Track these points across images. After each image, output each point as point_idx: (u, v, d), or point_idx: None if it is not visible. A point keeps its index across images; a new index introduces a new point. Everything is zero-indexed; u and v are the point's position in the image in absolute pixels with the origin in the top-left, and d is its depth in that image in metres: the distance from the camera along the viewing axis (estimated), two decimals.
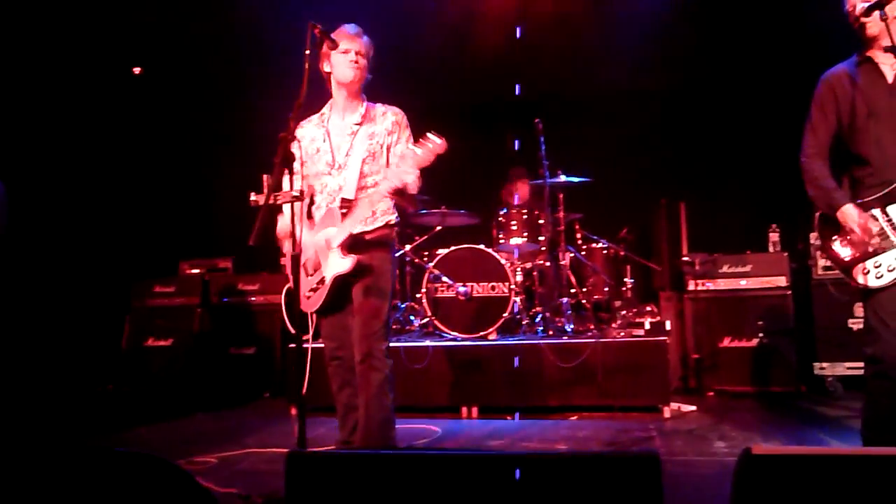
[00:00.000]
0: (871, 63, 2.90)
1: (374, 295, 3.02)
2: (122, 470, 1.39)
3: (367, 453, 1.83)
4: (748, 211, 5.92)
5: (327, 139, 3.12)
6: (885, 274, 2.77)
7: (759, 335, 5.21)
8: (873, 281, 2.79)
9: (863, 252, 2.82)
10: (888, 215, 2.80)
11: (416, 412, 4.57)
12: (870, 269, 2.81)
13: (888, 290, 2.77)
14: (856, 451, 1.63)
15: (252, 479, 3.22)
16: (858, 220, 2.80)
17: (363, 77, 3.09)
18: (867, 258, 2.81)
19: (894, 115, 2.82)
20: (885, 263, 2.78)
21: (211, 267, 6.55)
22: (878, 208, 2.83)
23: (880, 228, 2.80)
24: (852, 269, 2.85)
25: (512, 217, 5.52)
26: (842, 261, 2.88)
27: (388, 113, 3.15)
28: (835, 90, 2.96)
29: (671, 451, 3.55)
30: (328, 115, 3.17)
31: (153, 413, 5.21)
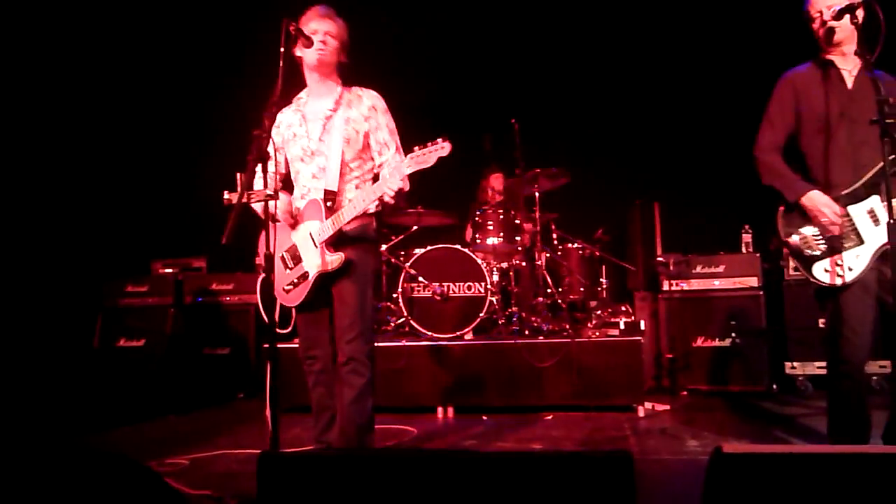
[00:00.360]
0: (832, 67, 2.96)
1: (357, 295, 2.91)
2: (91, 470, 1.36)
3: (339, 454, 1.81)
4: (721, 212, 5.98)
5: (304, 123, 3.02)
6: (845, 272, 2.82)
7: (731, 335, 5.27)
8: (834, 279, 2.85)
9: (825, 250, 2.86)
10: (849, 215, 2.86)
11: (393, 412, 4.56)
12: (830, 268, 2.86)
13: (850, 289, 2.83)
14: (824, 449, 1.65)
15: (225, 480, 3.18)
16: (827, 202, 2.83)
17: (334, 59, 2.98)
18: (827, 256, 2.86)
19: (852, 120, 2.88)
20: (846, 263, 2.83)
21: (184, 266, 6.47)
22: (839, 207, 2.88)
23: (843, 212, 2.84)
24: (812, 267, 2.90)
25: (488, 217, 5.53)
26: (803, 257, 2.92)
27: (364, 97, 3.03)
28: (796, 90, 3.02)
29: (645, 449, 3.58)
30: (305, 99, 3.07)
31: (125, 414, 5.13)
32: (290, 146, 3.05)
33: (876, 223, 2.82)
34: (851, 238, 2.84)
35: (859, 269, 2.81)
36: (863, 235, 2.83)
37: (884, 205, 2.78)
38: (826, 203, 2.83)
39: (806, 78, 3.02)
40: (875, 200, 2.82)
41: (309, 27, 2.87)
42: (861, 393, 2.90)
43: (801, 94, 3.01)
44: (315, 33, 2.88)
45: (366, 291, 2.95)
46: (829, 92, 2.94)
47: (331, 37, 2.93)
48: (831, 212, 2.82)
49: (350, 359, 2.86)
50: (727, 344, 5.28)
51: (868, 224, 2.83)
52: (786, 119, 3.04)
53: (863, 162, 2.85)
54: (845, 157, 2.88)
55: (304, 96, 3.09)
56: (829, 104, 2.92)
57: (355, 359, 2.86)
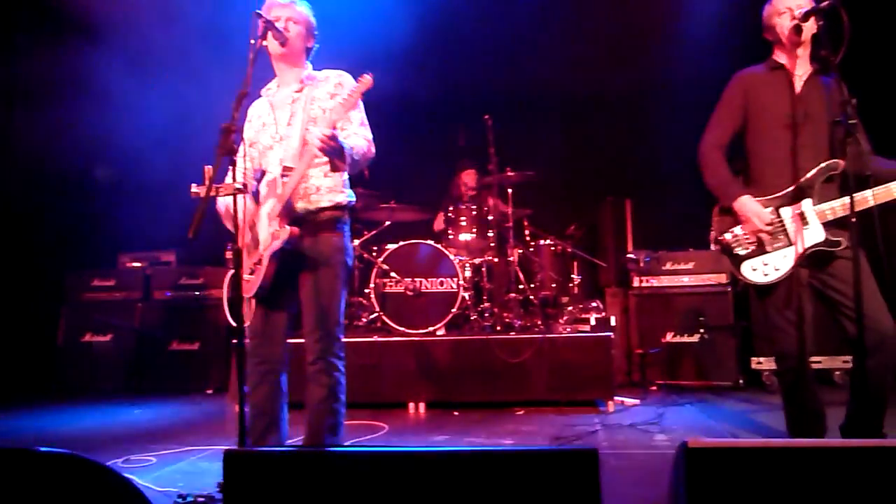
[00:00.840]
0: (783, 70, 3.03)
1: (327, 290, 2.78)
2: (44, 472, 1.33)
3: (306, 451, 1.80)
4: (691, 209, 6.04)
5: (271, 112, 2.93)
6: (771, 272, 2.93)
7: (700, 331, 5.35)
8: (760, 278, 2.95)
9: (753, 250, 2.96)
10: (780, 217, 2.95)
11: (364, 408, 4.54)
12: (758, 267, 2.95)
13: (781, 286, 2.93)
14: (787, 443, 1.68)
15: (191, 478, 3.14)
16: (756, 210, 2.93)
17: (300, 45, 2.89)
18: (756, 256, 2.96)
19: (797, 123, 2.95)
20: (773, 263, 2.94)
21: (153, 260, 6.38)
22: (771, 209, 2.97)
23: (772, 218, 2.94)
24: (741, 266, 2.98)
25: (461, 213, 5.53)
26: (734, 255, 3.02)
27: (330, 77, 2.92)
28: (746, 90, 3.09)
29: (614, 444, 3.62)
30: (273, 89, 2.99)
31: (91, 411, 5.05)
32: (261, 136, 2.95)
33: (805, 225, 2.91)
34: (780, 239, 2.94)
35: (785, 268, 2.91)
36: (791, 237, 2.92)
37: (819, 207, 2.86)
38: (755, 212, 2.94)
39: (756, 79, 3.09)
40: (807, 203, 2.92)
41: (270, 15, 2.79)
42: (807, 385, 2.98)
43: (750, 94, 3.08)
44: (277, 20, 2.80)
45: (336, 287, 2.82)
46: (777, 94, 3.01)
47: (293, 22, 2.85)
48: (759, 220, 2.93)
49: (318, 357, 2.76)
50: (696, 340, 5.36)
51: (797, 226, 2.92)
52: (733, 118, 3.11)
53: (800, 165, 2.94)
54: (785, 159, 2.97)
55: (272, 86, 3.01)
56: (775, 107, 3.00)
57: (324, 358, 2.76)
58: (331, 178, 2.85)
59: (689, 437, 1.61)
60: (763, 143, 3.04)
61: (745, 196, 2.98)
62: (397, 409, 4.74)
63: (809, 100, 2.97)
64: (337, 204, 2.86)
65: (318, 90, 2.89)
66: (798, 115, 2.96)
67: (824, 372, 4.98)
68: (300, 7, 2.90)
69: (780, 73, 3.05)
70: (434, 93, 6.80)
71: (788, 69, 3.03)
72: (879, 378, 2.77)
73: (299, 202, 2.80)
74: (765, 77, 3.08)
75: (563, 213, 6.49)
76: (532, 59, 6.49)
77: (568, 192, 6.68)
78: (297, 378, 2.85)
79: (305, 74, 2.94)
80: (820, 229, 2.88)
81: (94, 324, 6.03)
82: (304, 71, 2.95)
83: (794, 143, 2.95)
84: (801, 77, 3.02)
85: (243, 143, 2.98)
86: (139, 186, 6.79)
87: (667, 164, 6.33)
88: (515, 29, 6.53)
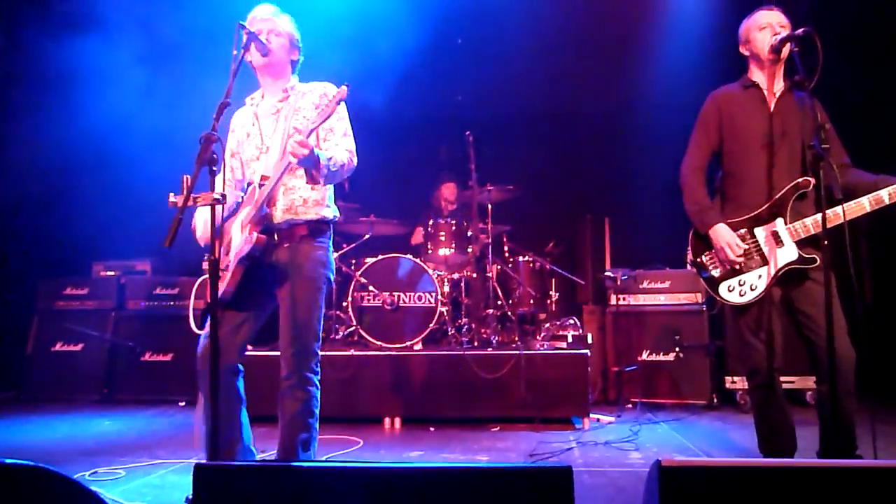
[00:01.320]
0: (757, 89, 3.09)
1: (304, 304, 2.74)
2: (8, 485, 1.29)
3: (278, 466, 1.77)
4: (669, 229, 6.12)
5: (256, 122, 2.92)
6: (747, 292, 2.98)
7: (675, 349, 5.40)
8: (736, 298, 3.00)
9: (728, 270, 3.01)
10: (754, 237, 3.00)
11: (339, 422, 4.51)
12: (734, 287, 3.00)
13: (755, 306, 2.98)
14: (760, 463, 1.70)
15: (160, 492, 3.09)
16: (728, 240, 2.98)
17: (282, 58, 2.87)
18: (732, 276, 3.00)
19: (770, 142, 3.01)
20: (749, 282, 2.99)
21: (127, 269, 6.29)
22: (745, 229, 3.02)
23: (746, 249, 2.99)
24: (718, 286, 3.03)
25: (441, 228, 5.54)
26: (710, 277, 3.06)
27: (315, 88, 2.90)
28: (720, 109, 3.15)
29: (588, 462, 3.62)
30: (258, 99, 2.98)
31: (60, 421, 4.94)
32: (245, 147, 2.94)
33: (779, 245, 2.96)
34: (755, 258, 2.98)
35: (761, 287, 2.96)
36: (766, 256, 2.97)
37: (791, 226, 2.92)
38: (728, 241, 2.98)
39: (731, 98, 3.15)
40: (779, 223, 2.97)
41: (253, 27, 2.79)
42: (778, 402, 3.02)
43: (724, 113, 3.14)
44: (259, 33, 2.79)
45: (315, 301, 2.79)
46: (751, 113, 3.07)
47: (275, 34, 2.84)
48: (731, 251, 2.97)
49: (293, 372, 2.71)
50: (671, 358, 5.40)
51: (771, 245, 2.97)
52: (710, 138, 3.16)
53: (775, 183, 3.00)
54: (760, 178, 3.02)
55: (257, 96, 3.00)
56: (749, 125, 3.06)
57: (298, 372, 2.71)
58: (317, 190, 2.83)
59: (663, 456, 1.61)
60: (738, 162, 3.09)
61: (720, 225, 3.02)
62: (373, 423, 4.71)
63: (783, 118, 3.02)
64: (322, 218, 2.84)
65: (303, 101, 2.87)
66: (772, 134, 3.01)
67: (796, 392, 5.05)
68: (282, 20, 2.89)
69: (754, 91, 3.10)
70: (416, 108, 6.82)
71: (763, 87, 3.09)
72: (838, 401, 2.80)
73: (284, 214, 2.78)
74: (739, 96, 3.13)
75: (542, 230, 6.53)
76: (513, 77, 6.54)
77: (547, 210, 6.73)
78: (271, 391, 2.82)
79: (290, 85, 2.93)
80: (793, 248, 2.93)
81: (66, 333, 5.92)
82: (289, 82, 2.94)
83: (769, 161, 3.01)
84: (776, 94, 3.07)
85: (230, 154, 2.99)
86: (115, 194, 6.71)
87: (645, 184, 6.41)
88: (497, 47, 6.58)
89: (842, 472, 1.61)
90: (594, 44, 6.30)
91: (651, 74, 6.28)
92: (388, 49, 5.92)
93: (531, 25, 6.24)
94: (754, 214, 3.01)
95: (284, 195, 2.78)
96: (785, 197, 2.95)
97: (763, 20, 3.05)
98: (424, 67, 6.36)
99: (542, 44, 6.16)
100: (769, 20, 3.03)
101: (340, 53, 5.51)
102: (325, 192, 2.88)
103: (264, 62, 2.84)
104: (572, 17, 6.17)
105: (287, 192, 2.79)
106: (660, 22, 6.19)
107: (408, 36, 5.96)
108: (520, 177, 5.90)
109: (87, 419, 5.04)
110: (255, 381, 3.08)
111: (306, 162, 2.56)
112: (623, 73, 6.35)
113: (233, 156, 2.98)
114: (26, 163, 6.31)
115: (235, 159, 2.98)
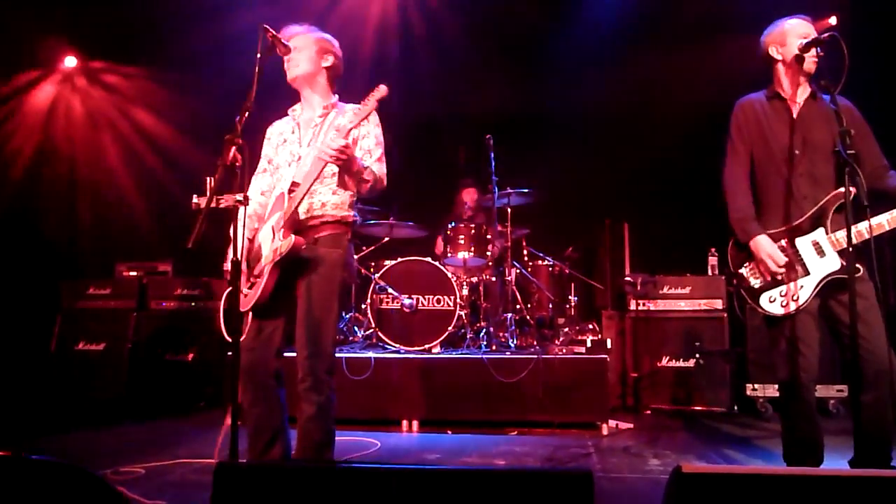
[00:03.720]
0: (780, 99, 3.06)
1: (321, 306, 2.77)
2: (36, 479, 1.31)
3: (297, 466, 1.79)
4: (689, 234, 6.08)
5: (297, 131, 2.99)
6: (790, 303, 2.93)
7: (695, 356, 5.34)
8: (778, 309, 2.95)
9: (769, 281, 2.97)
10: (795, 247, 2.96)
11: (357, 424, 4.52)
12: (776, 298, 2.96)
13: (798, 316, 2.92)
14: (781, 471, 1.67)
15: (181, 490, 3.12)
16: (770, 251, 2.94)
17: (310, 70, 2.94)
18: (774, 287, 2.96)
19: (799, 152, 2.97)
20: (791, 293, 2.95)
21: (149, 270, 6.36)
22: (786, 240, 2.97)
23: (787, 260, 2.95)
24: (759, 297, 2.99)
25: (460, 231, 5.54)
26: (751, 288, 3.02)
27: (356, 108, 2.87)
28: (748, 117, 3.12)
29: (607, 468, 3.60)
30: (299, 111, 3.05)
31: (80, 420, 5.01)
32: (280, 152, 3.00)
33: (820, 255, 2.92)
34: (797, 269, 2.94)
35: (804, 298, 2.91)
36: (808, 267, 2.93)
37: (833, 236, 2.88)
38: (770, 252, 2.95)
39: (757, 107, 3.12)
40: (820, 233, 2.93)
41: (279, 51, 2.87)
42: (807, 414, 2.98)
43: (752, 122, 3.10)
44: (292, 50, 2.89)
45: (331, 303, 2.81)
46: (777, 124, 3.04)
47: (296, 52, 2.90)
48: (772, 262, 2.93)
49: (308, 375, 2.74)
50: (691, 364, 5.35)
51: (813, 256, 2.93)
52: (746, 144, 3.13)
53: (804, 193, 2.96)
54: (790, 188, 2.98)
55: (298, 108, 3.07)
56: (776, 136, 3.03)
57: (314, 376, 2.74)
58: (338, 195, 2.88)
59: (683, 462, 1.60)
60: (768, 173, 3.05)
61: (761, 236, 2.98)
62: (390, 426, 4.71)
63: (810, 126, 2.99)
64: (342, 219, 2.89)
65: (342, 119, 2.87)
66: (798, 144, 2.98)
67: (819, 401, 4.97)
68: (306, 35, 2.97)
69: (778, 102, 3.08)
70: (435, 111, 6.84)
71: (787, 96, 3.06)
72: (876, 412, 2.76)
73: (304, 216, 2.83)
74: (764, 106, 3.11)
75: (561, 234, 6.51)
76: (533, 80, 6.54)
77: (567, 214, 6.70)
78: (291, 393, 2.84)
79: (331, 102, 3.00)
80: (835, 258, 2.89)
81: (88, 332, 6.00)
82: (331, 99, 3.01)
83: (800, 171, 2.97)
84: (800, 103, 3.04)
85: (262, 159, 3.05)
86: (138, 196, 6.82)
87: (665, 188, 6.38)
88: (517, 49, 6.59)
89: (866, 482, 1.59)
90: (614, 46, 6.27)
91: (671, 77, 6.24)
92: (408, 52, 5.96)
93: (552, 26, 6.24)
94: (795, 225, 2.97)
95: (306, 198, 2.82)
96: (825, 207, 2.92)
97: (787, 27, 3.03)
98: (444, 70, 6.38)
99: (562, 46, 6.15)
100: (793, 27, 3.01)
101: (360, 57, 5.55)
102: (346, 196, 2.92)
103: (290, 77, 2.94)
104: (591, 19, 6.16)
105: (310, 195, 2.83)
106: (678, 23, 6.15)
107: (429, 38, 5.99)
108: (540, 181, 5.88)
109: (109, 418, 5.10)
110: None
111: (344, 165, 2.63)
112: (643, 76, 6.32)
113: (270, 162, 3.06)
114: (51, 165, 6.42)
115: (272, 166, 3.06)
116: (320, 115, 2.97)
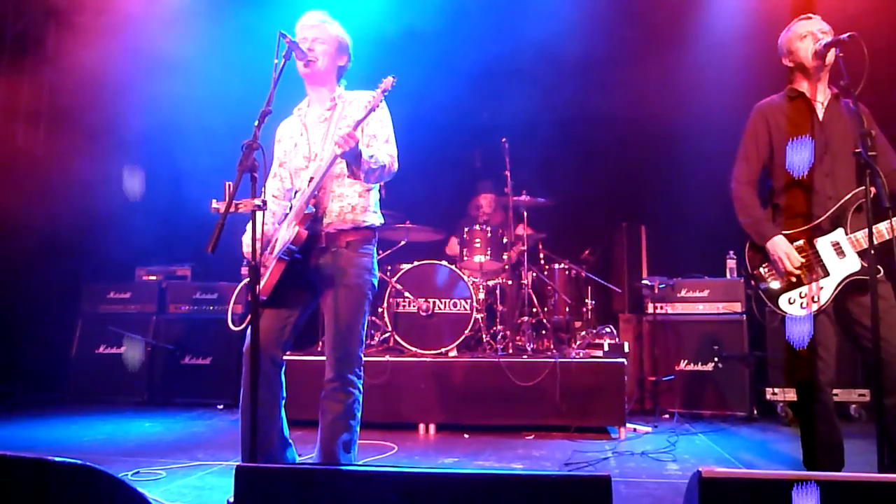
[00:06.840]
0: (803, 98, 3.03)
1: (349, 309, 2.79)
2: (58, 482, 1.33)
3: (317, 468, 1.80)
4: (707, 237, 6.04)
5: (304, 132, 2.96)
6: (809, 304, 2.90)
7: (714, 359, 5.30)
8: (798, 310, 2.92)
9: (789, 283, 2.93)
10: (814, 248, 2.92)
11: (374, 428, 4.52)
12: (795, 299, 2.92)
13: (816, 318, 2.89)
14: (801, 475, 1.65)
15: (200, 492, 3.14)
16: (786, 250, 2.91)
17: (327, 65, 2.89)
18: (793, 288, 2.93)
19: (821, 152, 2.94)
20: (810, 294, 2.92)
21: (168, 274, 6.43)
22: (804, 240, 2.94)
23: (804, 261, 2.92)
24: (778, 299, 2.96)
25: (476, 234, 5.54)
26: (770, 290, 2.99)
27: (363, 96, 2.85)
28: (768, 121, 3.09)
29: (625, 472, 3.58)
30: (304, 110, 3.02)
31: (101, 422, 5.06)
32: (293, 157, 2.98)
33: (840, 255, 2.89)
34: (817, 270, 2.91)
35: (823, 299, 2.88)
36: (828, 267, 2.90)
37: (853, 236, 2.85)
38: (786, 251, 2.92)
39: (777, 109, 3.09)
40: (839, 233, 2.90)
41: (299, 35, 2.84)
42: (827, 417, 2.94)
43: (772, 125, 3.08)
44: (304, 41, 2.84)
45: (359, 306, 2.84)
46: (798, 124, 3.01)
47: (319, 42, 2.87)
48: (789, 261, 2.91)
49: (337, 375, 2.78)
50: (709, 368, 5.31)
51: (832, 256, 2.90)
52: (760, 151, 3.11)
53: (828, 194, 2.93)
54: (812, 189, 2.95)
55: (303, 106, 3.04)
56: (798, 136, 2.99)
57: (342, 376, 2.78)
58: (364, 197, 2.89)
59: (703, 467, 1.59)
60: (789, 173, 3.02)
61: (777, 236, 2.96)
62: (407, 429, 4.72)
63: (832, 127, 2.97)
64: (369, 224, 2.90)
65: (350, 108, 2.89)
66: (821, 144, 2.95)
67: (840, 405, 4.91)
68: (330, 27, 2.92)
69: (801, 101, 3.05)
70: (451, 114, 6.84)
71: (809, 97, 3.03)
72: None
73: (333, 220, 2.83)
74: (784, 106, 3.08)
75: (578, 237, 6.49)
76: (549, 82, 6.53)
77: (583, 217, 6.68)
78: (309, 396, 2.86)
79: (337, 94, 2.96)
80: (855, 258, 2.86)
81: (109, 335, 6.07)
82: (336, 90, 2.98)
83: (821, 171, 2.94)
84: (823, 103, 3.01)
85: (274, 162, 3.05)
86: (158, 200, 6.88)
87: (682, 191, 6.33)
88: (533, 52, 6.57)
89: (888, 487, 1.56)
90: (630, 49, 6.25)
91: (688, 81, 6.20)
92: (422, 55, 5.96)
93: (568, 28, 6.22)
94: (813, 225, 2.94)
95: (333, 202, 2.84)
96: (845, 207, 2.89)
97: (803, 29, 3.00)
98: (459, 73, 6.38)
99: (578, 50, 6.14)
100: (810, 28, 2.98)
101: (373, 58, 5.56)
102: (372, 198, 2.94)
103: (306, 71, 2.88)
104: (607, 23, 6.14)
105: (336, 200, 2.85)
106: (697, 27, 6.12)
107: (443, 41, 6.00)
108: (556, 184, 5.87)
109: (129, 420, 5.16)
110: (295, 386, 3.11)
111: (349, 155, 2.61)
112: (660, 79, 6.28)
113: (281, 165, 3.05)
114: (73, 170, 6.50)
115: (284, 169, 3.05)
116: (328, 108, 2.95)
